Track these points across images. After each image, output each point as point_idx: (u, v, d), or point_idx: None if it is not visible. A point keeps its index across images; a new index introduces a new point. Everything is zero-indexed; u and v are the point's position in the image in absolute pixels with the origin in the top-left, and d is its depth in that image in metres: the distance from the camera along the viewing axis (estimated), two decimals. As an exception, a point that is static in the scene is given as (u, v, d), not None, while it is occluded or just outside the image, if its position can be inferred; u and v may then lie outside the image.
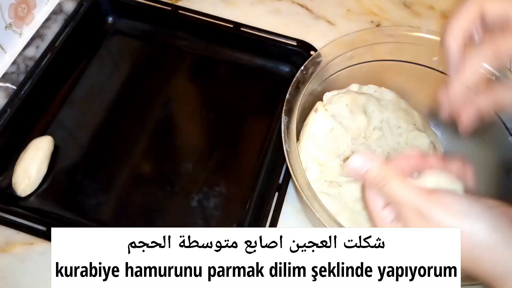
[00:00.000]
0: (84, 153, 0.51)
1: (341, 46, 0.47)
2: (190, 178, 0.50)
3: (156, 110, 0.55)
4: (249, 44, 0.58)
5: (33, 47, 0.57)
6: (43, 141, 0.49)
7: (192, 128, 0.55)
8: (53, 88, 0.55)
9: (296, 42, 0.57)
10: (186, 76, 0.59)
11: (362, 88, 0.51)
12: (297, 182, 0.38)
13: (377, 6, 0.65)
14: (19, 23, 0.57)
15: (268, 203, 0.46)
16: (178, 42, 0.60)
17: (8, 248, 0.45)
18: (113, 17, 0.61)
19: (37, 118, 0.52)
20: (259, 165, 0.51)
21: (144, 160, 0.52)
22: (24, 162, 0.47)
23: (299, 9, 0.64)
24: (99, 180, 0.49)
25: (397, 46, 0.48)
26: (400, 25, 0.63)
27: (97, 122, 0.53)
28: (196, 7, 0.59)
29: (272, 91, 0.57)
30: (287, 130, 0.41)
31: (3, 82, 0.54)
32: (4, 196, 0.47)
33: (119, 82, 0.57)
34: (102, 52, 0.59)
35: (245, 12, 0.63)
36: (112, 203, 0.48)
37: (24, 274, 0.44)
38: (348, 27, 0.62)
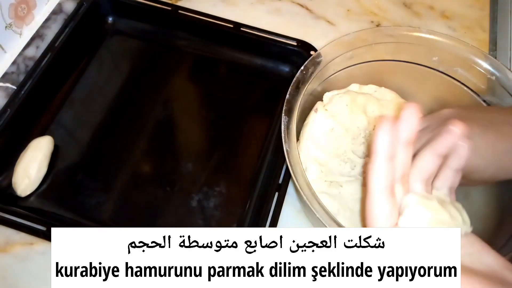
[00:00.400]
0: (84, 153, 0.51)
1: (341, 46, 0.47)
2: (190, 178, 0.50)
3: (156, 110, 0.55)
4: (249, 44, 0.58)
5: (33, 47, 0.57)
6: (43, 141, 0.49)
7: (192, 128, 0.55)
8: (53, 88, 0.55)
9: (296, 42, 0.57)
10: (186, 76, 0.59)
11: (362, 88, 0.51)
12: (297, 182, 0.38)
13: (377, 6, 0.65)
14: (19, 23, 0.57)
15: (268, 203, 0.46)
16: (178, 42, 0.60)
17: (8, 248, 0.45)
18: (113, 17, 0.61)
19: (37, 118, 0.52)
20: (259, 165, 0.51)
21: (144, 160, 0.52)
22: (24, 162, 0.47)
23: (299, 9, 0.64)
24: (99, 180, 0.49)
25: (397, 46, 0.48)
26: (400, 25, 0.63)
27: (97, 122, 0.53)
28: (196, 7, 0.59)
29: (272, 91, 0.57)
30: (287, 130, 0.41)
31: (3, 82, 0.54)
32: (4, 196, 0.47)
33: (119, 82, 0.57)
34: (102, 52, 0.59)
35: (245, 12, 0.63)
36: (112, 203, 0.48)
37: (24, 274, 0.44)
38: (348, 27, 0.62)
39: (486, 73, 0.45)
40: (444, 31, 0.54)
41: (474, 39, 0.62)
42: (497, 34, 0.63)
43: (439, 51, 0.47)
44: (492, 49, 0.62)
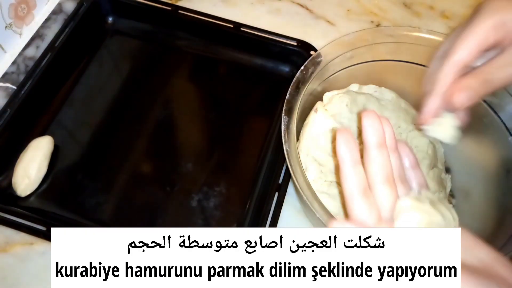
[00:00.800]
0: (84, 153, 0.51)
1: (341, 46, 0.47)
2: (190, 178, 0.50)
3: (156, 110, 0.55)
4: (249, 44, 0.58)
5: (33, 47, 0.57)
6: (43, 141, 0.49)
7: (192, 128, 0.55)
8: (53, 88, 0.55)
9: (296, 42, 0.57)
10: (186, 76, 0.59)
11: (362, 88, 0.51)
12: (297, 182, 0.38)
13: (377, 6, 0.65)
14: (19, 23, 0.57)
15: (268, 203, 0.46)
16: (178, 42, 0.60)
17: (8, 248, 0.45)
18: (113, 17, 0.61)
19: (37, 118, 0.52)
20: (259, 165, 0.51)
21: (144, 160, 0.52)
22: (24, 162, 0.47)
23: (299, 9, 0.64)
24: (99, 180, 0.50)
25: (397, 46, 0.48)
26: (400, 25, 0.63)
27: (97, 122, 0.53)
28: (196, 7, 0.59)
29: (272, 91, 0.57)
30: (287, 130, 0.41)
31: (3, 82, 0.54)
32: (4, 196, 0.47)
33: (119, 82, 0.57)
34: (102, 52, 0.59)
35: (245, 12, 0.63)
36: (112, 203, 0.48)
37: (24, 274, 0.44)
38: (348, 27, 0.62)
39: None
40: (444, 31, 0.54)
41: (474, 39, 0.62)
42: (497, 34, 0.63)
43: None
44: (492, 49, 0.62)
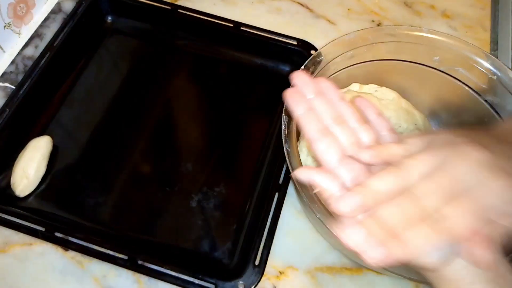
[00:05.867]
0: (83, 153, 0.51)
1: (342, 46, 0.46)
2: (190, 178, 0.50)
3: (155, 110, 0.55)
4: (249, 44, 0.58)
5: (32, 46, 0.56)
6: (41, 141, 0.49)
7: (192, 128, 0.55)
8: (52, 88, 0.54)
9: (296, 41, 0.57)
10: (186, 76, 0.58)
11: (363, 88, 0.50)
12: (297, 182, 0.38)
13: (378, 5, 0.65)
14: (18, 23, 0.57)
15: (268, 203, 0.46)
16: (178, 42, 0.60)
17: (7, 248, 0.45)
18: (112, 16, 0.61)
19: (35, 118, 0.52)
20: (259, 165, 0.51)
21: (144, 160, 0.51)
22: (23, 162, 0.47)
23: (300, 8, 0.64)
24: (98, 180, 0.49)
25: (398, 46, 0.47)
26: (401, 24, 0.63)
27: (96, 122, 0.53)
28: (196, 6, 0.59)
29: (272, 91, 0.56)
30: (287, 130, 0.41)
31: (2, 82, 0.54)
32: (2, 197, 0.47)
33: (118, 82, 0.56)
34: (101, 52, 0.59)
35: (245, 12, 0.62)
36: (111, 204, 0.48)
37: (23, 275, 0.44)
38: (349, 27, 0.62)
39: (487, 73, 0.44)
40: (445, 31, 0.54)
41: (475, 39, 0.61)
42: (498, 33, 0.63)
43: (440, 51, 0.46)
44: (494, 48, 0.62)
